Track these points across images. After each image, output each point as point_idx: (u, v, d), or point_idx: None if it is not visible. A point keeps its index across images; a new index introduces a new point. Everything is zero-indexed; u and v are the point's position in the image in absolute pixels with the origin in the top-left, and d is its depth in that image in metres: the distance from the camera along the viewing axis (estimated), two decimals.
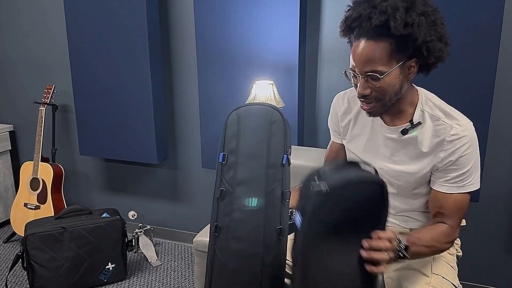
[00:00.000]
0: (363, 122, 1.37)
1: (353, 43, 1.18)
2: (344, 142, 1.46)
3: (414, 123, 1.24)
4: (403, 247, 1.10)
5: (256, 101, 1.97)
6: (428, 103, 1.26)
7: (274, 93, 1.99)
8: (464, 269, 1.54)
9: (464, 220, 1.44)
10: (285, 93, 2.13)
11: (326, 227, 0.98)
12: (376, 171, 1.06)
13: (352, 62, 1.19)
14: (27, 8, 2.77)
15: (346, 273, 1.03)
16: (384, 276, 1.33)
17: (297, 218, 1.01)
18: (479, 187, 1.25)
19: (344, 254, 1.02)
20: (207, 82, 2.31)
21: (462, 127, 1.20)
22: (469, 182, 1.23)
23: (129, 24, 2.35)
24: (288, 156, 1.23)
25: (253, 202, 1.20)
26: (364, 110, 1.25)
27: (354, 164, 1.05)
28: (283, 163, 1.21)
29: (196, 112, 2.49)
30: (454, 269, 1.38)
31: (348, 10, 1.20)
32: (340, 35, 1.26)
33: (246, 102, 1.94)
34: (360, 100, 1.24)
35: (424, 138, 1.24)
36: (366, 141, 1.36)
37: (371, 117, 1.31)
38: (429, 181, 1.29)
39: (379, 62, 1.13)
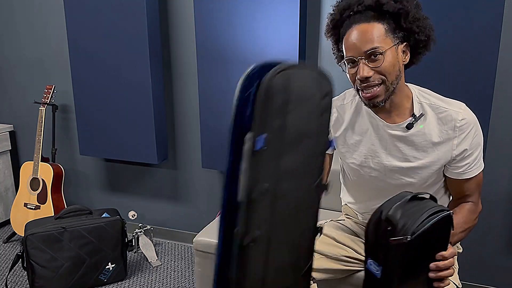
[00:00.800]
0: (361, 128, 1.34)
1: (344, 35, 1.19)
2: (343, 151, 1.41)
3: (417, 116, 1.24)
4: None
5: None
6: (422, 95, 1.27)
7: None
8: (465, 269, 1.54)
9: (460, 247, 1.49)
10: None
11: (406, 272, 1.00)
12: (433, 197, 1.06)
13: (347, 52, 1.19)
14: (27, 8, 2.77)
15: None
16: None
17: (373, 267, 1.01)
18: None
19: (415, 284, 1.04)
20: (207, 82, 2.31)
21: (465, 111, 1.23)
22: (481, 159, 1.29)
23: (129, 24, 2.35)
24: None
25: (301, 200, 0.90)
26: (366, 98, 1.21)
27: (416, 198, 1.03)
28: (333, 147, 0.92)
29: (196, 112, 2.49)
30: (455, 268, 1.38)
31: (333, 9, 1.24)
32: (326, 34, 1.28)
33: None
34: (362, 87, 1.20)
35: (432, 128, 1.24)
36: (370, 146, 1.33)
37: (369, 121, 1.30)
38: (441, 174, 1.30)
39: (377, 40, 1.15)
